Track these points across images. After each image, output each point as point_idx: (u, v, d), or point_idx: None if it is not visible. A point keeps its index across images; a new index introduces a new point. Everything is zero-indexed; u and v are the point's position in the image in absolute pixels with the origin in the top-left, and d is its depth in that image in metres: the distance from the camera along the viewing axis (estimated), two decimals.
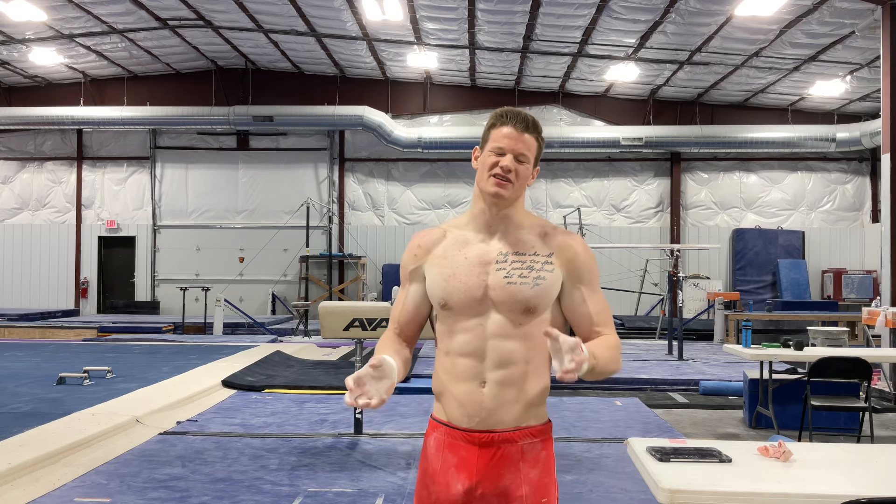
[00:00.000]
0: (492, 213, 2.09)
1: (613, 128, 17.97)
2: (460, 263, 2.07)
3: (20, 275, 19.45)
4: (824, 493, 2.42)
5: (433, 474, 2.08)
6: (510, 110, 2.09)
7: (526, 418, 2.02)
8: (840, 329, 11.32)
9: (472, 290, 2.03)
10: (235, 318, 16.27)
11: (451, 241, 2.12)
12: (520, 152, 2.05)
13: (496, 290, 2.02)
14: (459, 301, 2.04)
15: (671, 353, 12.23)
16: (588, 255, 2.11)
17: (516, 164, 2.04)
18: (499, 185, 2.04)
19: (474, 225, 2.12)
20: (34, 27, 15.00)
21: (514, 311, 2.01)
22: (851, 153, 18.26)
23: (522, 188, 2.09)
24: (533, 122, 2.08)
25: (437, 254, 2.12)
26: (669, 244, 17.33)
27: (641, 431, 6.73)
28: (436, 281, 2.09)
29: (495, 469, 2.01)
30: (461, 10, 13.43)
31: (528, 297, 2.01)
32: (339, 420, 7.09)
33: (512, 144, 2.04)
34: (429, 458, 2.10)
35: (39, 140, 19.48)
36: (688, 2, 12.30)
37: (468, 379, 2.02)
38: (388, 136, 17.64)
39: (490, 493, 2.01)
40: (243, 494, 4.77)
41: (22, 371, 9.59)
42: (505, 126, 2.06)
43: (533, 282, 2.02)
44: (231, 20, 14.99)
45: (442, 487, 2.05)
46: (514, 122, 2.06)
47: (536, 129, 2.08)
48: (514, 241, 2.08)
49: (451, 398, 2.04)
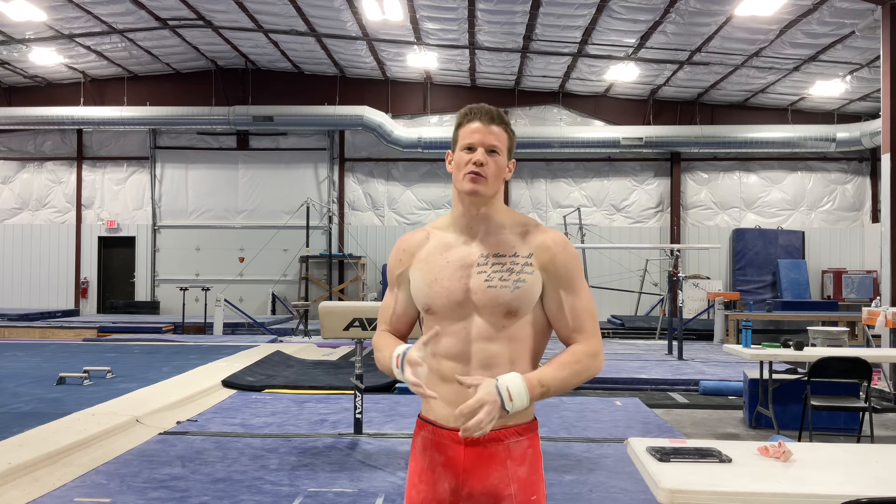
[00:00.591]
0: (471, 215, 2.08)
1: (613, 128, 17.96)
2: (442, 267, 2.07)
3: (20, 275, 19.45)
4: (824, 493, 2.42)
5: (420, 473, 2.09)
6: (474, 106, 2.09)
7: (512, 417, 2.00)
8: (840, 329, 11.31)
9: (454, 294, 2.04)
10: (235, 318, 16.27)
11: (433, 245, 2.12)
12: (490, 144, 2.04)
13: (477, 293, 2.02)
14: (442, 306, 2.05)
15: (671, 353, 12.23)
16: (567, 254, 2.08)
17: (488, 157, 2.04)
18: (474, 181, 2.03)
19: (455, 227, 2.12)
20: (34, 27, 15.00)
21: (496, 314, 2.02)
22: (851, 153, 18.26)
23: (499, 182, 2.08)
24: (498, 113, 2.08)
25: (420, 257, 2.12)
26: (669, 244, 17.32)
27: (641, 431, 6.73)
28: (419, 286, 2.10)
29: (482, 468, 2.01)
30: (461, 10, 13.43)
31: (508, 300, 2.01)
32: (339, 420, 7.09)
33: (481, 138, 2.04)
34: (416, 458, 2.11)
35: (39, 140, 19.48)
36: (688, 2, 12.30)
37: (454, 380, 2.02)
38: (388, 136, 17.65)
39: (478, 491, 2.01)
40: (243, 494, 4.77)
41: (22, 371, 9.60)
42: (472, 122, 2.06)
43: (513, 285, 2.02)
44: (231, 20, 14.99)
45: (429, 486, 2.06)
46: (480, 117, 2.06)
47: (503, 121, 2.08)
48: (495, 242, 2.07)
49: (438, 398, 2.05)
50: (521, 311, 2.03)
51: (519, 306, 2.02)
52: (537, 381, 1.92)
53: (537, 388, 1.91)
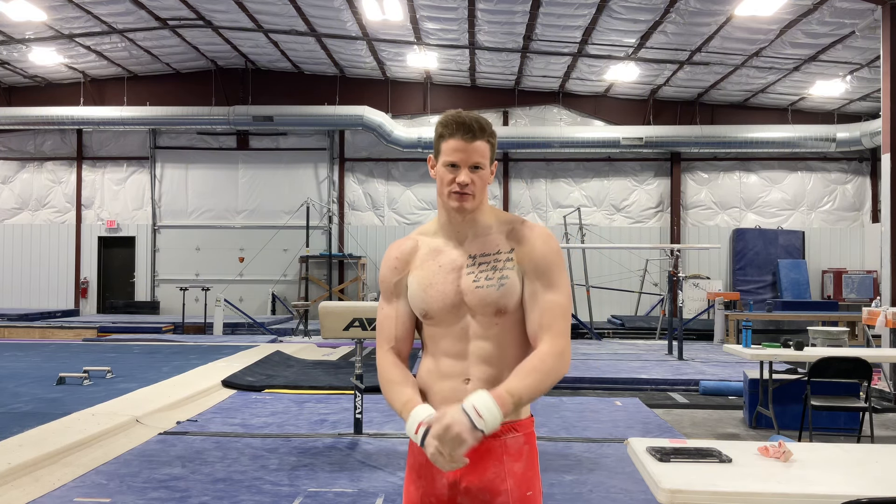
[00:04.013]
0: (457, 222, 2.10)
1: (613, 128, 17.96)
2: (435, 272, 2.09)
3: (20, 275, 19.44)
4: (824, 493, 2.42)
5: (419, 468, 2.11)
6: (454, 119, 2.03)
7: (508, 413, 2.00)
8: (840, 329, 11.31)
9: (448, 297, 2.06)
10: (235, 318, 16.26)
11: (424, 251, 2.13)
12: (473, 162, 2.02)
13: (468, 294, 2.05)
14: (438, 310, 2.07)
15: (671, 353, 12.23)
16: (547, 247, 2.05)
17: (472, 174, 2.03)
18: (460, 200, 2.03)
19: (443, 233, 2.13)
20: (34, 27, 15.00)
21: (487, 313, 2.04)
22: (851, 153, 18.26)
23: (484, 192, 2.08)
24: (480, 126, 2.02)
25: (415, 264, 2.13)
26: (669, 244, 17.32)
27: (641, 431, 6.73)
28: (416, 292, 2.11)
29: (479, 463, 2.02)
30: (461, 10, 13.43)
31: (495, 298, 2.03)
32: (339, 420, 7.09)
33: (464, 157, 2.01)
34: (415, 453, 2.13)
35: (39, 140, 19.48)
36: (688, 2, 12.30)
37: (453, 377, 2.06)
38: (388, 136, 17.64)
39: (475, 486, 2.03)
40: (243, 494, 4.77)
41: (22, 371, 9.60)
42: (452, 139, 2.02)
43: (497, 283, 2.03)
44: (231, 20, 14.99)
45: (428, 481, 2.09)
46: (462, 134, 2.01)
47: (484, 132, 2.03)
48: (482, 243, 2.09)
49: (436, 395, 2.08)
50: (509, 308, 2.04)
51: (506, 303, 2.04)
52: (506, 393, 1.89)
53: (507, 399, 1.88)
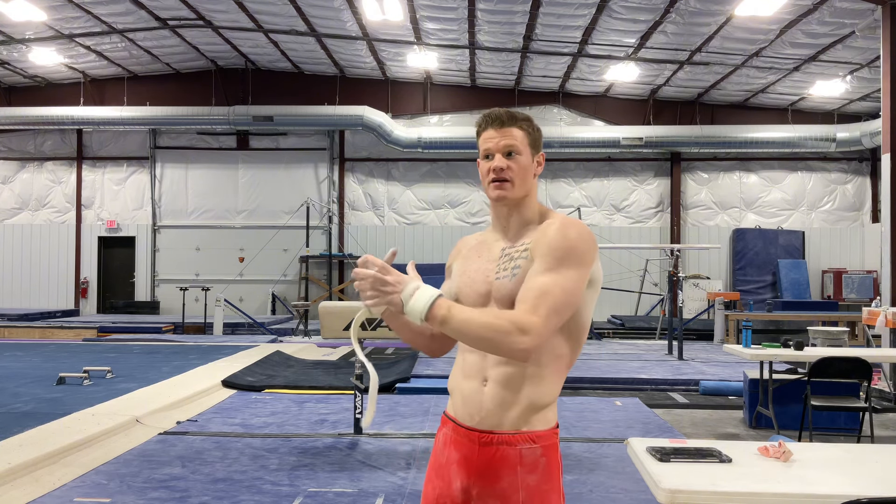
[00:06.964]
0: (503, 216, 2.12)
1: (613, 128, 17.96)
2: (473, 261, 2.13)
3: (20, 275, 19.45)
4: (824, 493, 2.42)
5: (438, 469, 2.10)
6: (487, 113, 2.09)
7: (527, 422, 1.97)
8: (840, 329, 11.30)
9: (475, 284, 2.07)
10: (235, 318, 16.26)
11: (475, 243, 2.19)
12: (506, 147, 2.04)
13: (493, 285, 2.04)
14: (466, 295, 2.08)
15: (671, 353, 12.23)
16: (559, 235, 1.96)
17: (508, 160, 2.04)
18: (498, 188, 2.05)
19: (493, 227, 2.18)
20: (34, 27, 15.00)
21: (504, 304, 1.98)
22: (851, 153, 18.27)
23: (527, 180, 2.06)
24: (510, 115, 2.07)
25: (463, 254, 2.20)
26: (669, 244, 17.33)
27: (641, 431, 6.72)
28: (453, 277, 2.17)
29: (493, 470, 1.99)
30: (461, 10, 13.43)
31: (510, 289, 1.98)
32: (339, 420, 7.09)
33: (496, 143, 2.05)
34: (436, 453, 2.13)
35: (39, 140, 19.48)
36: (688, 2, 12.30)
37: (473, 376, 2.03)
38: (388, 136, 17.65)
39: (487, 494, 1.99)
40: (243, 494, 4.77)
41: (22, 371, 9.59)
42: (485, 130, 2.08)
43: (511, 273, 2.00)
44: (231, 20, 14.99)
45: (445, 483, 2.06)
46: (492, 123, 2.07)
47: (516, 119, 2.07)
48: (516, 235, 2.09)
49: (459, 395, 2.07)
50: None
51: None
52: (447, 305, 1.84)
53: (443, 307, 1.83)
